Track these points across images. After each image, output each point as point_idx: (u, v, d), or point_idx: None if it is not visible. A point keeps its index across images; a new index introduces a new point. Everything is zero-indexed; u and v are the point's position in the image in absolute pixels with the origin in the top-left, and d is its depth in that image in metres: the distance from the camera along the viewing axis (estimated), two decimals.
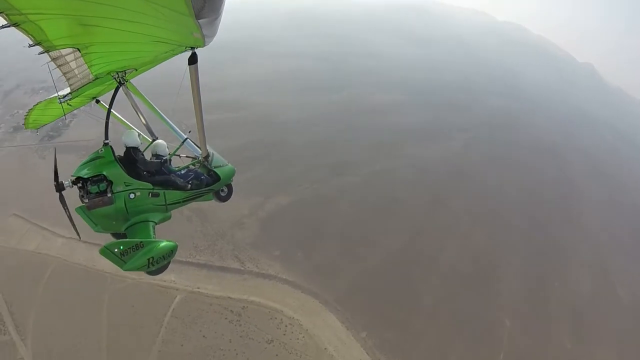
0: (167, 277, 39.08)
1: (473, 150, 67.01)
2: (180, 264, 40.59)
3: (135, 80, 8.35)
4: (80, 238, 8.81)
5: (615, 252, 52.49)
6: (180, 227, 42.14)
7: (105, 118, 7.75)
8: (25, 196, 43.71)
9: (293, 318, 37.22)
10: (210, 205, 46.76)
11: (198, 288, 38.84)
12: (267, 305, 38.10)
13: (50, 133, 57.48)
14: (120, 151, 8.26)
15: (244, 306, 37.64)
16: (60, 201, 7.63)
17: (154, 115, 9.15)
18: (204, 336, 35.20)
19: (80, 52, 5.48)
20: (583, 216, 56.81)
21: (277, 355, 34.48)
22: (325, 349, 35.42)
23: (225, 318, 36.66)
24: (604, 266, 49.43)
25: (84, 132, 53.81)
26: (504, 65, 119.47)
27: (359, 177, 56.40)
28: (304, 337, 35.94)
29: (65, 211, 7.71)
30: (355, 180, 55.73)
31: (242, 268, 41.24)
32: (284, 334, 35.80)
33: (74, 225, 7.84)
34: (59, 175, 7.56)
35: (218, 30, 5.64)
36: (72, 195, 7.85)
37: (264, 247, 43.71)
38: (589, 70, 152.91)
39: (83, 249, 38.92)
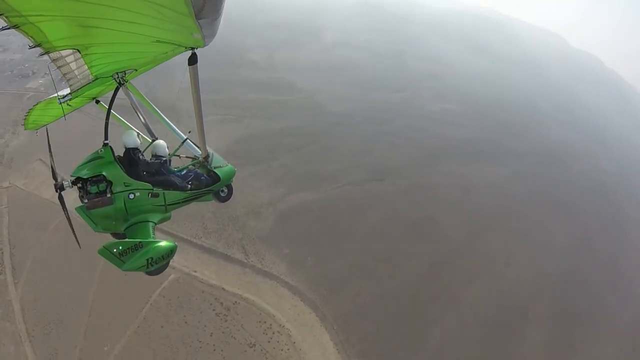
0: None
1: (523, 181, 59.83)
2: (184, 243, 38.87)
3: (135, 81, 8.25)
4: (80, 247, 8.52)
5: None
6: (194, 204, 39.03)
7: (105, 118, 7.70)
8: (55, 145, 42.35)
9: (283, 326, 34.56)
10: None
11: (195, 271, 37.07)
12: (260, 306, 35.54)
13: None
14: (120, 151, 8.23)
15: (235, 301, 35.46)
16: (60, 202, 7.76)
17: (154, 115, 8.93)
18: (186, 322, 33.40)
19: (80, 53, 5.45)
20: (629, 281, 48.10)
21: None
22: None
23: (213, 310, 34.60)
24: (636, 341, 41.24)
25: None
26: (572, 95, 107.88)
27: (396, 187, 51.75)
28: (289, 349, 33.17)
29: (65, 214, 7.88)
30: (392, 189, 51.25)
31: (245, 261, 38.95)
32: (269, 341, 33.15)
33: (73, 230, 8.06)
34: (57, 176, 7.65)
35: (218, 31, 5.53)
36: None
37: (274, 243, 41.07)
38: None
39: None
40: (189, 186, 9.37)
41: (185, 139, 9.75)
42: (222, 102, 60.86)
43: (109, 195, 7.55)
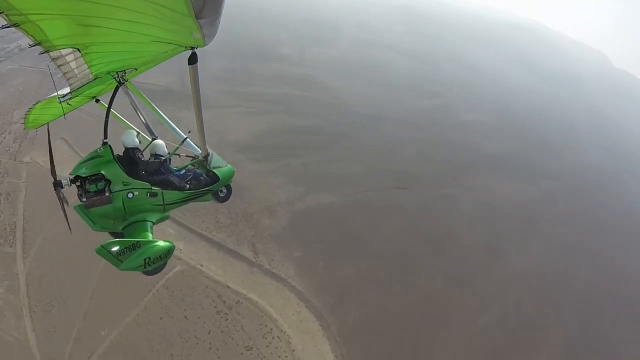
0: (177, 244, 35.08)
1: (554, 204, 56.01)
2: (194, 235, 38.36)
3: (135, 80, 8.23)
4: (71, 231, 8.41)
5: None
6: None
7: (105, 117, 7.74)
8: (81, 124, 42.24)
9: (284, 332, 33.42)
10: (249, 181, 43.13)
11: (201, 265, 36.23)
12: (263, 308, 34.36)
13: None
14: (120, 151, 8.21)
15: (238, 300, 34.45)
16: (58, 199, 7.72)
17: (153, 114, 8.95)
18: (185, 317, 32.59)
19: (80, 52, 5.39)
20: None
21: None
22: None
23: (215, 307, 33.65)
24: None
25: (156, 77, 51.79)
26: (612, 117, 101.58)
27: (419, 197, 49.44)
28: (287, 357, 32.29)
29: (61, 206, 7.77)
30: (414, 199, 48.96)
31: (254, 260, 37.87)
32: (267, 346, 32.18)
33: (67, 220, 7.98)
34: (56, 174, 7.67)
35: (218, 31, 5.42)
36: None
37: (285, 244, 39.75)
38: None
39: None
40: (188, 186, 9.29)
41: (185, 139, 9.66)
42: (249, 94, 60.46)
43: (107, 194, 7.51)
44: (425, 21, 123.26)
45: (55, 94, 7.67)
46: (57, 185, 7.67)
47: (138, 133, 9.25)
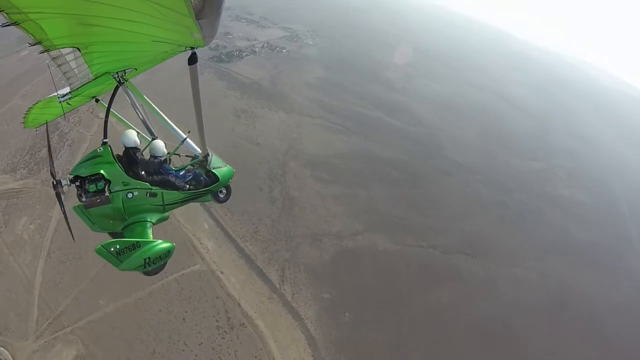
0: (206, 242, 35.78)
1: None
2: (227, 238, 36.54)
3: (135, 80, 8.00)
4: (74, 240, 8.51)
5: None
6: (258, 202, 38.13)
7: (104, 117, 7.68)
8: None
9: None
10: (305, 199, 39.55)
11: (221, 272, 34.09)
12: (266, 341, 30.96)
13: (222, 56, 56.44)
14: (120, 150, 8.17)
15: (243, 323, 31.53)
16: (58, 199, 7.47)
17: (153, 114, 8.74)
18: (184, 319, 30.56)
19: (80, 51, 5.31)
20: None
21: None
22: None
23: (217, 321, 31.11)
24: None
25: (250, 70, 50.71)
26: None
27: (485, 271, 42.80)
28: None
29: (62, 209, 7.53)
30: (479, 271, 42.49)
31: (278, 286, 34.87)
32: None
33: (69, 225, 7.76)
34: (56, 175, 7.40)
35: (218, 31, 5.45)
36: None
37: (318, 280, 36.15)
38: None
39: None
40: (188, 186, 9.07)
41: (185, 139, 9.30)
42: (337, 109, 59.07)
43: (107, 194, 7.26)
44: (546, 77, 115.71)
45: (55, 93, 7.34)
46: (57, 185, 7.20)
47: (138, 133, 8.93)
